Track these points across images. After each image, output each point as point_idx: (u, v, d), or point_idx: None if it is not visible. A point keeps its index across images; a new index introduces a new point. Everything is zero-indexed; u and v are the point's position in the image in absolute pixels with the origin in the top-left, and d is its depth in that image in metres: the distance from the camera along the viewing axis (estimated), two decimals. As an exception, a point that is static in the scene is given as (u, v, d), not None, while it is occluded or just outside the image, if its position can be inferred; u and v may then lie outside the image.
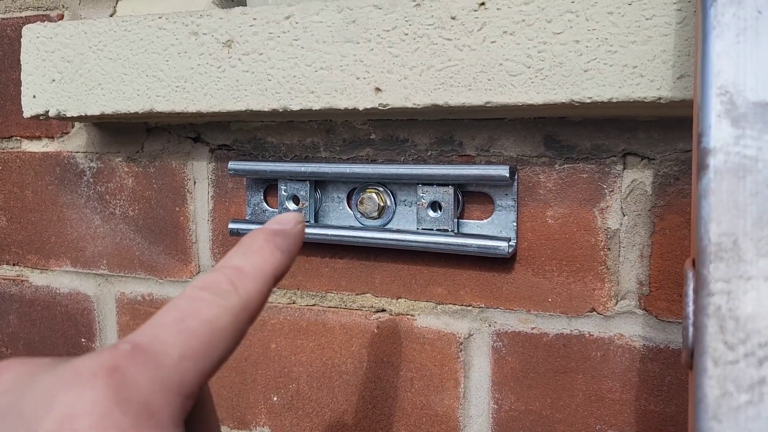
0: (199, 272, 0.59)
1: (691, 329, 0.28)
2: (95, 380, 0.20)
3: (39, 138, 0.66)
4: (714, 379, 0.26)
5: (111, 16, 0.63)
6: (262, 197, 0.56)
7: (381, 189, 0.51)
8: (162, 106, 0.51)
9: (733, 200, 0.27)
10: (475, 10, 0.42)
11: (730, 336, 0.26)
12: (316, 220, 0.53)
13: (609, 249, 0.46)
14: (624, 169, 0.45)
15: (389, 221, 0.51)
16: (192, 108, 0.50)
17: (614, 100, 0.39)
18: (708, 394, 0.26)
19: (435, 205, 0.49)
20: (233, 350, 0.24)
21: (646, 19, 0.38)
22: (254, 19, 0.48)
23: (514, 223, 0.48)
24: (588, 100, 0.40)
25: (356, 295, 0.54)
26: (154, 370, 0.21)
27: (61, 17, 0.64)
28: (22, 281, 0.68)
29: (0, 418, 0.20)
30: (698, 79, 0.29)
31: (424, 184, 0.48)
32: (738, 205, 0.27)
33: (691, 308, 0.28)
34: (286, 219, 0.29)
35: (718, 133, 0.28)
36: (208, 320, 0.23)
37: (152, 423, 0.20)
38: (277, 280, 0.26)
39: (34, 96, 0.56)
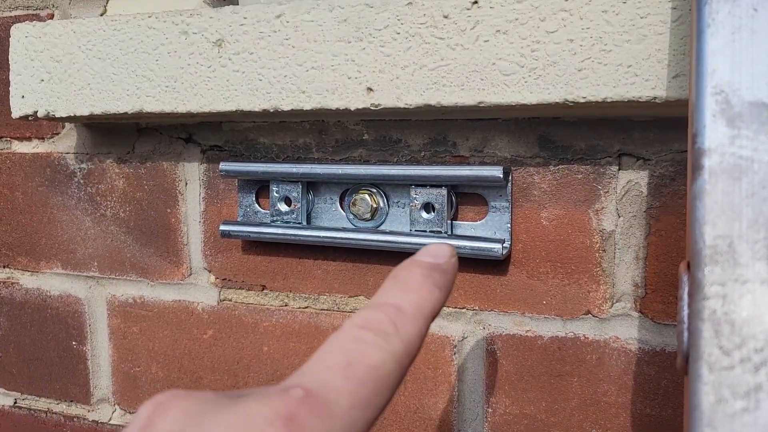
0: (191, 274, 0.59)
1: (685, 334, 0.27)
2: (273, 430, 0.19)
3: (29, 139, 0.65)
4: (709, 385, 0.25)
5: (101, 15, 0.62)
6: (254, 198, 0.55)
7: (374, 190, 0.50)
8: (152, 106, 0.51)
9: (728, 202, 0.27)
10: (468, 9, 0.41)
11: (725, 341, 0.25)
12: (308, 222, 0.53)
13: (604, 251, 0.46)
14: (619, 169, 0.45)
15: (382, 223, 0.51)
16: (182, 108, 0.50)
17: (609, 100, 0.39)
18: (703, 401, 0.25)
19: (428, 207, 0.48)
20: (392, 397, 0.23)
21: (641, 18, 0.38)
22: (245, 18, 0.47)
23: (508, 225, 0.47)
24: (582, 100, 0.39)
25: (349, 297, 0.53)
26: (327, 421, 0.20)
27: (51, 16, 0.63)
28: (12, 283, 0.67)
29: None
30: (693, 78, 0.29)
31: (417, 185, 0.48)
32: (733, 207, 0.26)
33: (685, 312, 0.27)
34: (442, 252, 0.27)
35: (713, 133, 0.27)
36: (374, 366, 0.22)
37: None
38: (433, 319, 0.25)
39: (23, 96, 0.55)
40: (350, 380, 0.21)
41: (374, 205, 0.50)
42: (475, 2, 0.41)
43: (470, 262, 0.49)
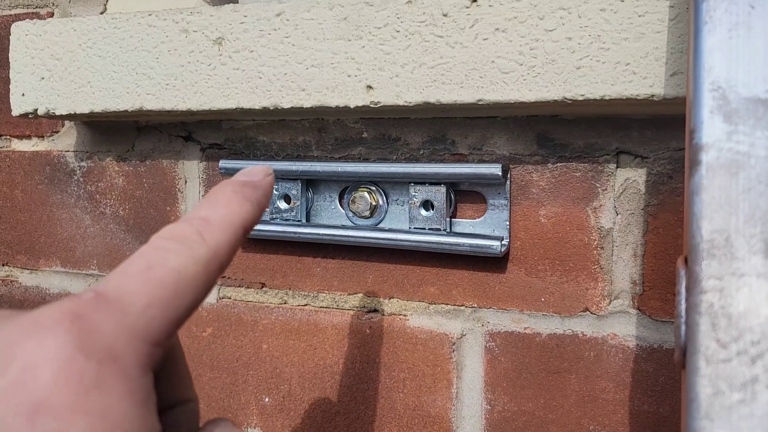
0: (190, 272, 0.59)
1: (683, 327, 0.27)
2: (57, 328, 0.19)
3: (29, 137, 0.65)
4: (706, 377, 0.25)
5: (101, 13, 0.62)
6: (253, 196, 0.55)
7: (373, 188, 0.51)
8: (152, 104, 0.51)
9: (725, 197, 0.27)
10: (467, 7, 0.42)
11: (722, 334, 0.26)
12: (307, 220, 0.53)
13: (602, 248, 0.46)
14: (617, 167, 0.45)
15: (381, 220, 0.51)
16: (182, 106, 0.50)
17: (607, 98, 0.39)
18: (700, 393, 0.25)
19: (427, 204, 0.48)
20: (202, 300, 0.23)
21: (639, 16, 0.38)
22: (245, 16, 0.48)
23: (507, 222, 0.47)
24: (580, 98, 0.40)
25: (348, 295, 0.54)
26: (118, 317, 0.20)
27: (51, 15, 0.63)
28: (11, 281, 0.67)
29: None
30: (690, 75, 0.29)
31: (416, 183, 0.48)
32: (730, 202, 0.27)
33: (683, 306, 0.28)
34: (255, 171, 0.28)
35: (711, 128, 0.28)
36: (175, 269, 0.22)
37: (116, 368, 0.20)
38: (246, 231, 0.26)
39: (23, 94, 0.56)
40: (148, 282, 0.22)
41: (373, 203, 0.50)
42: (475, 0, 0.41)
43: (469, 260, 0.49)
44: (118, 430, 0.19)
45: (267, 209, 0.54)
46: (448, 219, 0.48)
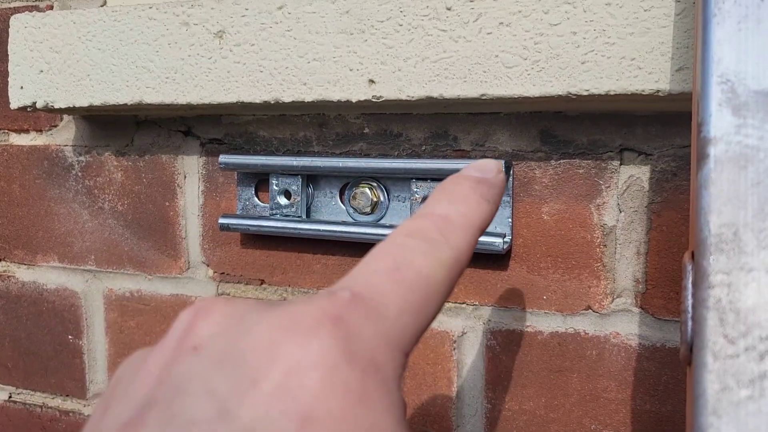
0: (189, 268, 0.58)
1: (689, 323, 0.27)
2: (320, 330, 0.18)
3: (27, 131, 0.65)
4: (714, 373, 0.25)
5: (101, 6, 0.62)
6: (253, 192, 0.55)
7: (374, 184, 0.50)
8: (151, 97, 0.50)
9: (733, 190, 0.26)
10: (471, 1, 0.41)
11: (730, 329, 0.25)
12: (308, 216, 0.53)
13: (605, 246, 0.45)
14: (621, 164, 0.45)
15: (382, 217, 0.51)
16: (182, 100, 0.50)
17: (612, 93, 0.39)
18: (707, 389, 0.25)
19: (429, 201, 0.48)
20: (442, 308, 0.22)
21: (645, 11, 0.38)
22: (246, 9, 0.47)
23: (509, 219, 0.47)
24: (585, 93, 0.39)
25: (348, 292, 0.53)
26: (377, 323, 0.19)
27: (50, 7, 0.63)
28: (8, 277, 0.67)
29: (218, 364, 0.18)
30: (698, 68, 0.29)
31: (417, 179, 0.48)
32: (739, 196, 0.26)
33: (690, 302, 0.27)
34: (489, 167, 0.26)
35: (719, 122, 0.27)
36: (423, 273, 0.21)
37: (379, 378, 0.18)
38: (482, 232, 0.24)
39: (22, 87, 0.55)
40: (399, 284, 0.20)
41: (375, 199, 0.50)
42: (479, -6, 0.41)
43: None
44: None
45: (267, 204, 0.54)
46: (449, 215, 0.48)
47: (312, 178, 0.53)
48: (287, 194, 0.52)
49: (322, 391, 0.17)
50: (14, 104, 0.55)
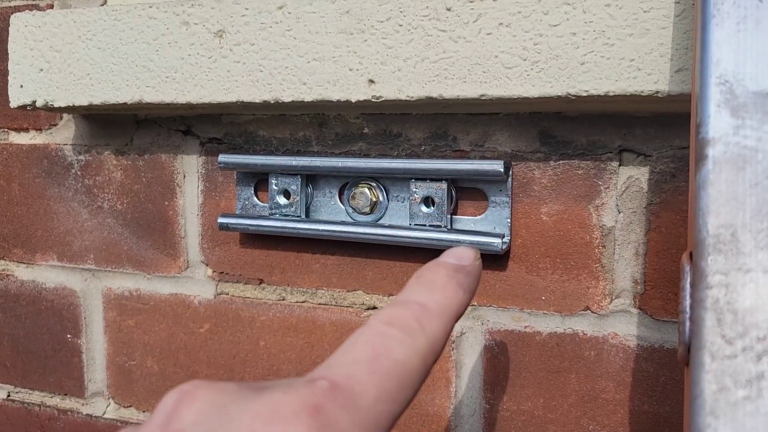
0: (188, 267, 0.58)
1: (687, 323, 0.27)
2: (299, 421, 0.19)
3: (26, 130, 0.65)
4: (711, 373, 0.25)
5: (101, 5, 0.62)
6: (252, 191, 0.55)
7: (373, 184, 0.50)
8: (151, 96, 0.51)
9: (732, 191, 0.26)
10: (471, 1, 0.41)
11: (728, 330, 0.25)
12: (307, 215, 0.53)
13: (604, 246, 0.46)
14: (620, 165, 0.45)
15: (381, 217, 0.51)
16: (182, 99, 0.50)
17: (611, 94, 0.39)
18: (705, 390, 0.25)
19: (428, 201, 0.48)
20: (416, 394, 0.23)
21: (644, 12, 0.38)
22: (246, 9, 0.47)
23: (508, 220, 0.47)
24: (584, 93, 0.39)
25: (347, 292, 0.53)
26: (353, 413, 0.20)
27: (50, 6, 0.63)
28: (7, 275, 0.67)
29: None
30: (697, 69, 0.29)
31: (417, 179, 0.48)
32: (737, 197, 0.26)
33: (687, 302, 0.27)
34: (466, 255, 0.28)
35: (718, 123, 0.27)
36: (399, 361, 0.22)
37: None
38: (457, 319, 0.26)
39: (22, 86, 0.55)
40: (376, 374, 0.21)
41: (374, 199, 0.50)
42: (478, -5, 0.41)
43: (469, 257, 0.49)
44: None
45: (266, 204, 0.54)
46: (449, 216, 0.48)
47: (311, 178, 0.53)
48: (286, 194, 0.52)
49: None
50: (14, 103, 0.56)
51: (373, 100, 0.44)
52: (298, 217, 0.52)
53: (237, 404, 0.20)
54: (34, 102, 0.55)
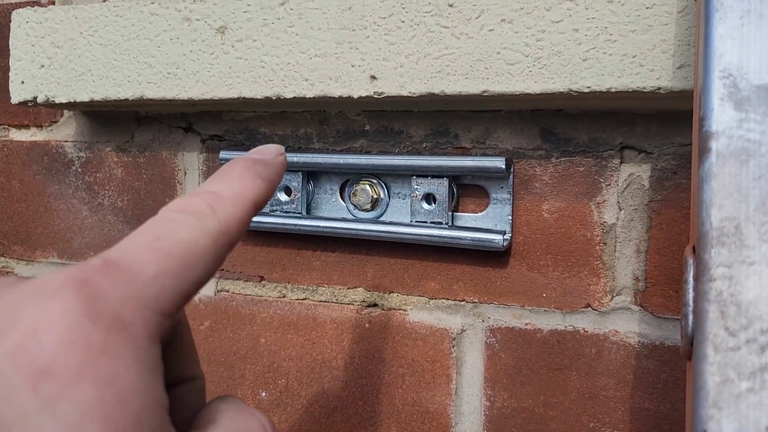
0: (188, 265, 0.58)
1: (690, 316, 0.27)
2: (62, 293, 0.19)
3: (27, 126, 0.65)
4: (715, 365, 0.25)
5: (103, 1, 0.62)
6: (253, 188, 0.55)
7: (375, 181, 0.50)
8: (153, 92, 0.50)
9: (735, 184, 0.27)
10: (473, -2, 0.41)
11: (731, 322, 0.25)
12: (308, 212, 0.53)
13: (605, 244, 0.46)
14: (621, 162, 0.45)
15: (382, 213, 0.51)
16: (183, 95, 0.50)
17: (613, 90, 0.39)
18: (708, 381, 0.25)
19: (429, 198, 0.48)
20: (212, 275, 0.23)
21: (647, 8, 0.38)
22: (248, 5, 0.47)
23: (509, 217, 0.47)
24: (586, 90, 0.39)
25: (348, 289, 0.53)
26: (127, 285, 0.20)
27: (52, 2, 0.63)
28: (7, 272, 0.67)
29: None
30: (700, 63, 0.29)
31: (418, 176, 0.48)
32: (740, 190, 0.26)
33: (691, 295, 0.27)
34: (267, 150, 0.28)
35: (721, 116, 0.27)
36: (185, 240, 0.22)
37: (124, 335, 0.19)
38: (257, 208, 0.25)
39: (23, 82, 0.55)
40: (157, 252, 0.21)
41: (375, 196, 0.50)
42: (481, -9, 0.41)
43: (470, 254, 0.49)
44: (125, 398, 0.18)
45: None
46: (450, 213, 0.48)
47: (312, 175, 0.53)
48: (287, 191, 0.52)
49: (59, 347, 0.18)
50: (15, 99, 0.55)
51: (375, 96, 0.44)
52: (299, 213, 0.52)
53: (8, 287, 0.20)
54: (35, 98, 0.55)
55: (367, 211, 0.51)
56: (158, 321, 0.20)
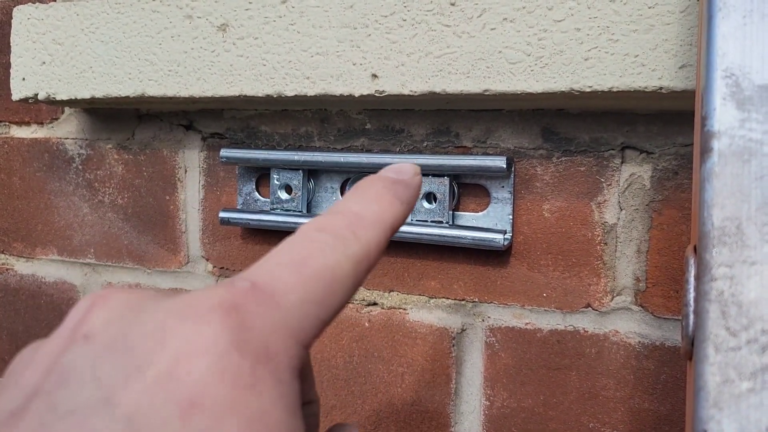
0: (188, 262, 0.58)
1: (691, 316, 0.27)
2: (212, 317, 0.18)
3: (28, 123, 0.65)
4: (715, 366, 0.25)
5: None
6: (254, 186, 0.55)
7: (375, 179, 0.50)
8: (154, 90, 0.50)
9: (737, 184, 0.26)
10: (475, -3, 0.41)
11: (732, 322, 0.25)
12: (308, 210, 0.53)
13: (606, 244, 0.45)
14: (622, 162, 0.45)
15: (383, 212, 0.50)
16: (184, 93, 0.50)
17: (615, 89, 0.39)
18: (709, 382, 0.25)
19: (430, 197, 0.48)
20: (348, 302, 0.22)
21: (649, 8, 0.38)
22: (250, 2, 0.47)
23: (510, 216, 0.47)
24: (588, 89, 0.39)
25: (348, 287, 0.53)
26: (274, 312, 0.19)
27: None
28: (6, 269, 0.67)
29: (107, 352, 0.18)
30: (702, 62, 0.29)
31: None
32: (742, 189, 0.26)
33: (692, 295, 0.27)
34: (405, 169, 0.26)
35: (723, 116, 0.27)
36: (328, 265, 0.21)
37: (270, 368, 0.18)
38: (394, 231, 0.24)
39: (24, 79, 0.55)
40: (302, 276, 0.20)
41: (375, 195, 0.50)
42: (483, -10, 0.41)
43: (470, 254, 0.49)
44: None
45: (267, 199, 0.54)
46: (450, 212, 0.48)
47: (313, 173, 0.53)
48: (288, 189, 0.52)
49: (209, 377, 0.17)
50: (16, 96, 0.55)
51: (376, 94, 0.44)
52: (299, 212, 0.52)
53: (152, 303, 0.19)
54: (36, 95, 0.55)
55: (367, 209, 0.50)
56: (299, 353, 0.19)
